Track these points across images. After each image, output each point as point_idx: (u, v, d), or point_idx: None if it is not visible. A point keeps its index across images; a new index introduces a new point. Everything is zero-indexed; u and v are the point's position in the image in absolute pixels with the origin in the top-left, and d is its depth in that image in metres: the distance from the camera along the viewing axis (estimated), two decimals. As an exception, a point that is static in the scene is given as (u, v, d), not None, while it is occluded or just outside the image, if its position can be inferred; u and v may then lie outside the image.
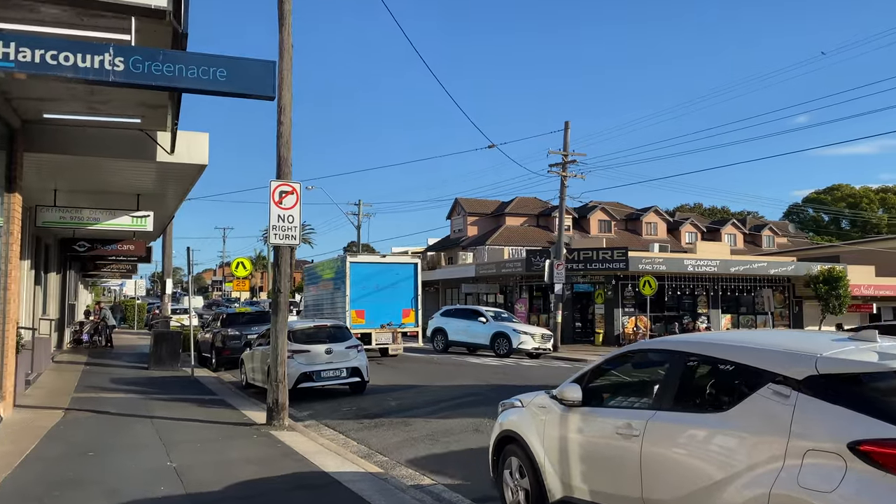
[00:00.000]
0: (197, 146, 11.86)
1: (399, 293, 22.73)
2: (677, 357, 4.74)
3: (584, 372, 5.68)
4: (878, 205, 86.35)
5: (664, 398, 4.70)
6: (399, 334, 23.53)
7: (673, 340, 5.09)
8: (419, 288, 22.93)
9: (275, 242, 10.98)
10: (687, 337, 5.13)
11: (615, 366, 5.56)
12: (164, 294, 26.10)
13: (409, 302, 22.85)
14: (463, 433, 10.64)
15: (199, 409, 12.72)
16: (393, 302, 22.33)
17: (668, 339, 5.19)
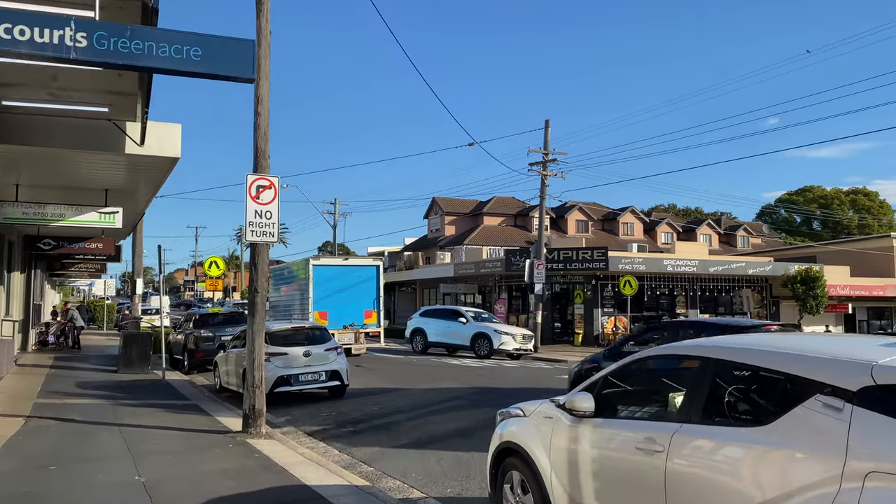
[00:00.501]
0: (169, 138, 11.22)
1: (361, 295, 23.15)
2: (708, 364, 4.28)
3: (594, 379, 5.22)
4: (849, 206, 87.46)
5: (692, 409, 4.24)
6: (362, 335, 23.78)
7: (702, 345, 4.62)
8: (381, 289, 23.31)
9: (251, 239, 10.39)
10: (717, 341, 4.67)
11: (630, 372, 5.09)
12: (135, 294, 25.22)
13: (372, 303, 23.33)
14: (450, 440, 10.14)
15: (171, 415, 12.07)
16: (355, 303, 22.77)
17: (695, 344, 4.73)
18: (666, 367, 4.90)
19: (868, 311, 43.31)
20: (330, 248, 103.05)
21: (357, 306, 22.85)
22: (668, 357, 4.92)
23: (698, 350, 4.52)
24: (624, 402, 5.08)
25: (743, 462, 3.78)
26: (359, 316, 22.71)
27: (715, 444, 3.98)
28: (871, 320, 43.74)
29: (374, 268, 23.86)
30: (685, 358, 4.67)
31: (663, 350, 5.04)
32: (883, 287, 41.11)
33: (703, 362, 4.33)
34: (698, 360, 4.40)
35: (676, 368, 4.80)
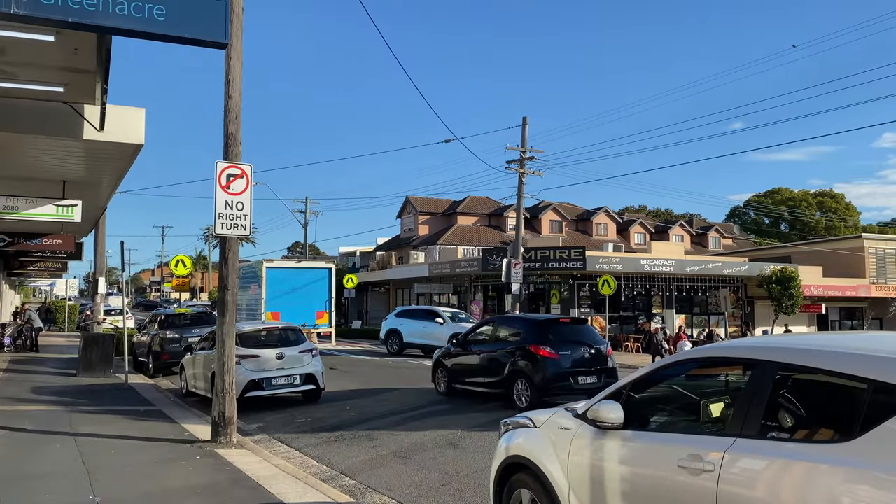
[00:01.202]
0: (131, 123, 10.37)
1: (314, 296, 23.68)
2: (766, 367, 3.65)
3: (621, 385, 4.56)
4: (816, 208, 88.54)
5: (747, 421, 3.60)
6: (314, 335, 24.27)
7: (758, 346, 3.99)
8: (333, 291, 23.95)
9: (221, 232, 9.58)
10: (778, 341, 4.06)
11: (664, 378, 4.46)
12: (97, 294, 24.09)
13: (324, 304, 23.91)
14: (437, 448, 9.45)
15: (133, 423, 11.19)
16: (308, 304, 23.28)
17: (749, 345, 4.10)
18: (708, 372, 4.27)
19: (840, 311, 43.58)
20: (300, 248, 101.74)
21: (309, 307, 23.30)
22: (713, 359, 4.27)
23: (754, 352, 3.88)
24: (657, 412, 4.45)
25: (818, 487, 3.15)
26: (311, 316, 23.10)
27: (781, 463, 3.35)
28: (843, 320, 44.03)
29: (326, 270, 24.45)
30: (735, 361, 4.03)
31: (707, 351, 4.38)
32: (855, 287, 41.35)
33: (761, 366, 3.69)
34: (754, 363, 3.76)
35: (722, 373, 4.17)
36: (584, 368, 12.68)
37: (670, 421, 4.31)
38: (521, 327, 13.62)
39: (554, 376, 12.39)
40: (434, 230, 55.16)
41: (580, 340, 13.08)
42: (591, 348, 12.99)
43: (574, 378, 12.46)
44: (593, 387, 12.18)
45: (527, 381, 12.57)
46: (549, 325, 13.44)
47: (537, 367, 12.42)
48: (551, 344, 12.59)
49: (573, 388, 12.46)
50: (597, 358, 12.92)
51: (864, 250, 43.38)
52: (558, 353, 12.49)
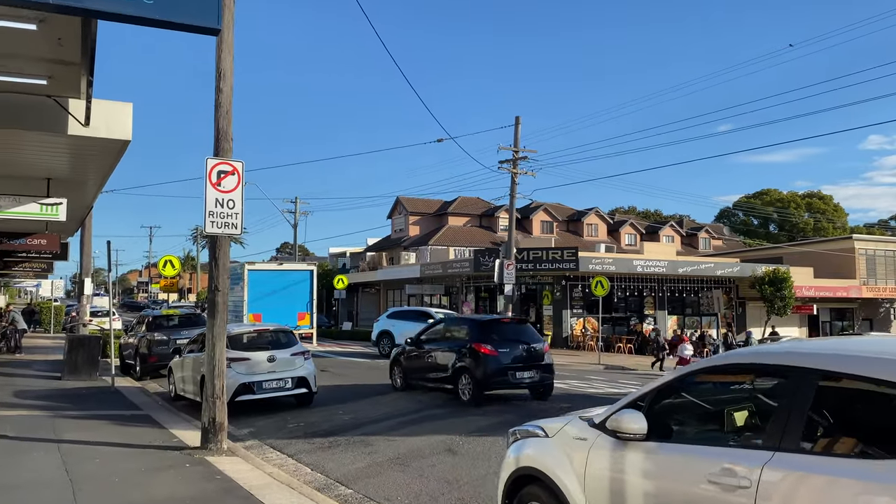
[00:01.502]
0: (118, 118, 10.01)
1: (295, 298, 23.99)
2: (806, 375, 3.38)
3: (643, 393, 4.29)
4: (805, 209, 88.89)
5: (787, 434, 3.33)
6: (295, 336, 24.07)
7: (792, 351, 3.71)
8: (314, 293, 24.23)
9: (211, 231, 9.25)
10: (811, 346, 3.79)
11: (689, 386, 4.18)
12: (83, 295, 23.65)
13: (305, 306, 24.28)
14: (435, 455, 9.15)
15: (120, 428, 10.82)
16: (289, 306, 23.56)
17: (789, 350, 3.81)
18: (737, 380, 3.99)
19: (831, 312, 43.64)
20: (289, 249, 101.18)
21: (290, 309, 23.55)
22: (745, 366, 3.99)
23: (792, 358, 3.60)
24: (681, 422, 4.17)
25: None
26: (292, 318, 23.21)
27: (826, 480, 3.08)
28: (834, 321, 44.09)
29: (307, 272, 24.80)
30: (770, 368, 3.75)
31: (737, 357, 4.09)
32: (846, 288, 41.40)
33: (800, 374, 3.42)
34: (792, 370, 3.48)
35: (755, 381, 3.89)
36: (521, 364, 13.72)
37: (696, 432, 4.03)
38: (466, 327, 14.59)
39: (494, 371, 13.39)
40: (425, 231, 54.86)
41: (520, 339, 14.10)
42: (529, 346, 14.01)
43: (512, 373, 13.54)
44: (530, 381, 13.80)
45: (470, 376, 13.50)
46: (491, 324, 14.50)
47: (479, 363, 13.38)
48: (492, 342, 13.63)
49: (511, 382, 13.64)
50: (534, 355, 13.96)
51: (854, 251, 43.47)
52: (498, 350, 13.54)
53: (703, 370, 4.08)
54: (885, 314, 45.00)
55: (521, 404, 13.76)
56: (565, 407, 13.48)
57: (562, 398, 14.95)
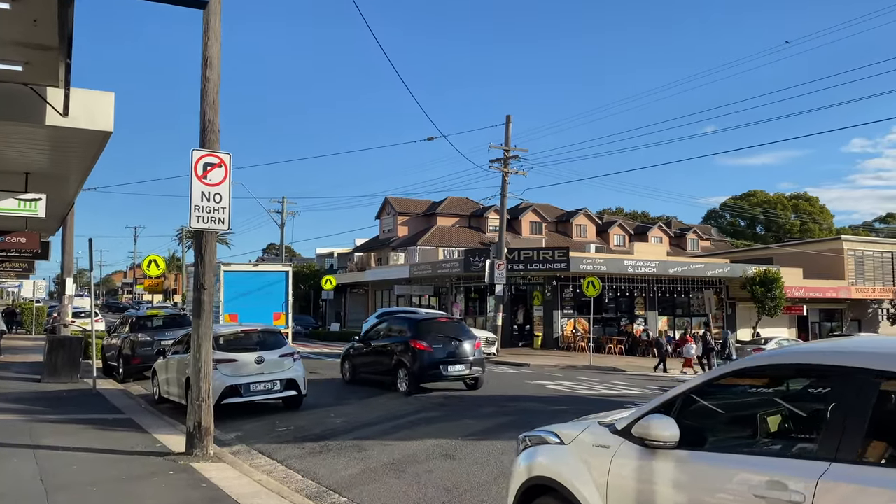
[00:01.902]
0: (99, 108, 9.55)
1: (271, 298, 24.35)
2: (865, 377, 3.02)
3: (671, 397, 3.93)
4: (791, 210, 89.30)
5: (844, 443, 2.97)
6: None
7: (846, 349, 3.36)
8: (290, 293, 24.84)
9: (197, 226, 8.82)
10: (867, 344, 3.44)
11: (722, 389, 3.82)
12: (64, 295, 23.04)
13: (281, 306, 24.63)
14: (432, 460, 8.76)
15: (100, 433, 10.35)
16: (265, 306, 23.93)
17: (833, 348, 3.46)
18: (778, 381, 3.63)
19: (820, 312, 43.64)
20: (275, 250, 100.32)
21: (266, 309, 23.89)
22: (788, 366, 3.61)
23: (850, 358, 3.24)
24: (716, 429, 3.81)
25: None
26: (268, 318, 23.39)
27: (893, 495, 2.73)
28: (823, 322, 44.09)
29: (283, 273, 25.24)
30: (822, 369, 3.38)
31: (781, 357, 3.71)
32: (836, 289, 41.39)
33: (857, 375, 3.06)
34: (848, 371, 3.13)
35: (802, 383, 3.53)
36: (453, 359, 14.90)
37: (732, 439, 3.66)
38: (405, 325, 15.90)
39: (428, 365, 14.57)
40: (413, 231, 54.45)
41: (453, 336, 15.36)
42: (461, 342, 15.24)
43: (444, 366, 14.69)
44: (460, 374, 15.00)
45: (406, 370, 14.73)
46: (427, 322, 15.88)
47: (415, 358, 14.64)
48: (428, 339, 14.84)
49: (443, 375, 14.77)
50: (465, 350, 15.18)
51: (843, 252, 43.48)
52: (432, 346, 14.73)
53: (738, 372, 3.73)
54: (873, 315, 45.08)
55: (515, 407, 13.41)
56: (562, 410, 13.15)
57: (557, 400, 14.62)
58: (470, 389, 15.42)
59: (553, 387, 17.05)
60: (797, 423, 3.55)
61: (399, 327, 16.17)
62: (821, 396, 3.38)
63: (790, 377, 3.55)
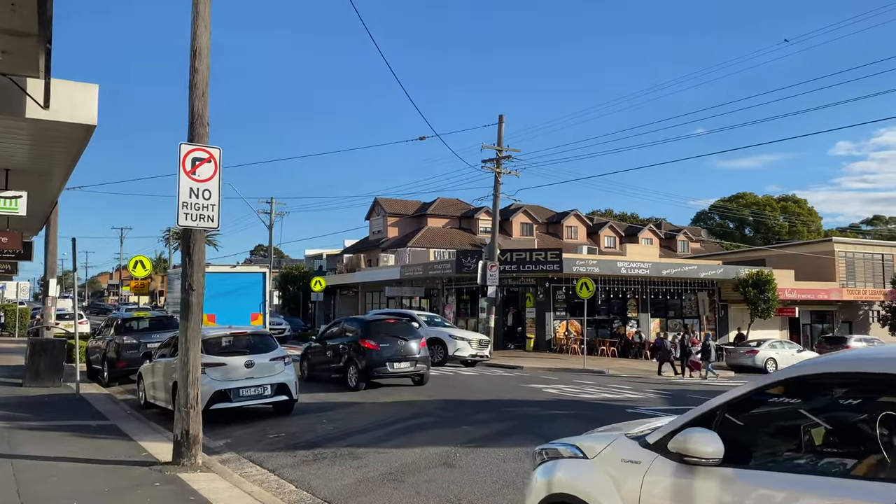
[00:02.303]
0: (82, 100, 9.10)
1: (248, 299, 24.71)
2: None
3: (711, 408, 3.56)
4: (780, 212, 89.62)
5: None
6: None
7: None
8: (267, 294, 25.30)
9: (185, 224, 8.40)
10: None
11: (769, 399, 3.46)
12: (48, 297, 22.49)
13: (258, 307, 25.06)
14: (431, 469, 8.38)
15: (83, 440, 9.90)
16: (242, 307, 24.26)
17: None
18: (836, 392, 3.26)
19: (811, 314, 43.57)
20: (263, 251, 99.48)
21: (244, 309, 24.24)
22: (851, 377, 3.22)
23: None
24: (763, 444, 3.45)
25: None
26: (245, 318, 23.81)
27: None
28: (814, 324, 44.04)
29: (260, 274, 25.73)
30: (879, 378, 3.02)
31: (841, 364, 3.30)
32: (827, 291, 41.34)
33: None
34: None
35: (856, 392, 3.16)
36: (399, 357, 16.00)
37: (784, 457, 3.29)
38: (357, 326, 17.09)
39: (375, 362, 15.65)
40: (404, 232, 54.04)
41: (400, 335, 16.47)
42: (407, 341, 16.34)
43: (391, 363, 15.78)
44: (405, 371, 16.06)
45: (356, 367, 15.77)
46: (376, 323, 17.23)
47: (363, 356, 15.70)
48: (376, 338, 15.95)
49: (389, 372, 15.81)
50: (411, 349, 16.29)
51: (834, 254, 43.46)
52: (380, 345, 15.81)
53: (789, 381, 3.36)
54: (863, 317, 45.09)
55: (513, 412, 13.06)
56: (561, 415, 12.82)
57: (555, 405, 14.28)
58: (417, 385, 16.39)
59: (550, 391, 16.70)
60: (850, 437, 3.19)
61: (351, 328, 17.25)
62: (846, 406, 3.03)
63: (852, 386, 3.19)
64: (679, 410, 13.97)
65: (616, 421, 11.88)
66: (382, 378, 16.11)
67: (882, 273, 44.98)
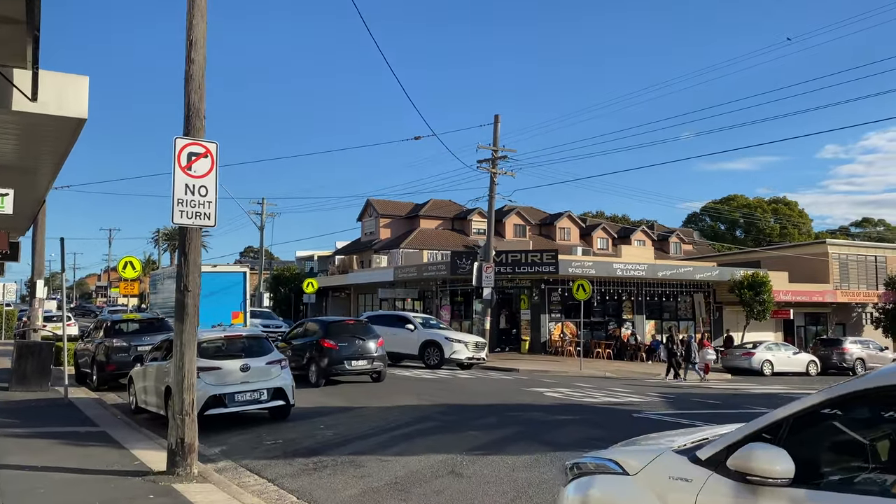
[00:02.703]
0: (71, 93, 8.70)
1: (229, 298, 25.20)
2: None
3: (774, 421, 3.22)
4: (771, 214, 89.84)
5: None
6: None
7: None
8: (248, 293, 26.17)
9: (180, 222, 8.00)
10: None
11: (842, 412, 3.12)
12: (35, 298, 21.98)
13: (239, 305, 25.66)
14: (438, 478, 8.02)
15: (72, 449, 9.48)
16: (224, 306, 24.74)
17: None
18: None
19: (805, 316, 43.47)
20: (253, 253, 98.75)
21: (225, 309, 24.72)
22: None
23: None
24: (833, 461, 3.11)
25: None
26: (227, 317, 24.33)
27: None
28: (808, 326, 43.94)
29: (241, 274, 26.43)
30: None
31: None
32: (822, 293, 41.25)
33: None
34: None
35: None
36: (357, 355, 17.11)
37: (864, 477, 2.95)
38: (318, 326, 18.13)
39: (334, 360, 16.76)
40: (396, 233, 53.66)
41: (358, 335, 17.60)
42: (365, 341, 17.51)
43: (348, 361, 16.83)
44: (362, 368, 17.20)
45: (316, 364, 16.81)
46: (336, 324, 18.25)
47: (323, 354, 16.80)
48: (335, 338, 17.03)
49: (347, 369, 16.90)
50: (369, 348, 17.46)
51: (827, 256, 43.40)
52: (338, 344, 16.87)
53: (869, 391, 3.02)
54: (857, 319, 45.03)
55: (517, 417, 12.73)
56: (568, 420, 12.49)
57: (560, 409, 13.96)
58: (375, 382, 17.49)
59: (552, 394, 16.37)
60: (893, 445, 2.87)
61: (313, 328, 18.34)
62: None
63: None
64: (685, 414, 13.74)
65: (623, 427, 11.62)
66: (341, 375, 17.05)
67: (875, 275, 44.95)
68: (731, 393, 20.26)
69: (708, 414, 14.07)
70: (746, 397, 18.96)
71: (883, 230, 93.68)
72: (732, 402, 16.97)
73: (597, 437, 10.53)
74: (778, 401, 18.25)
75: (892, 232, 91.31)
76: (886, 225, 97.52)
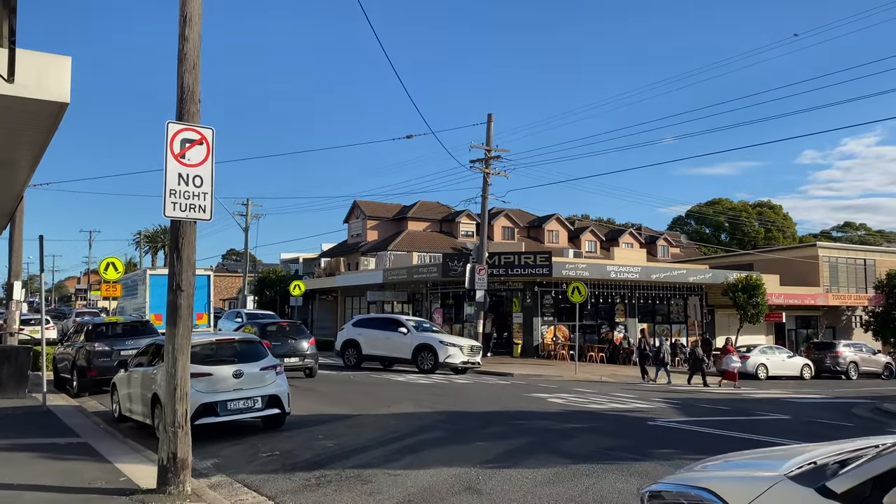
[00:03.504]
0: (52, 74, 7.96)
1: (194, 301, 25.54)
2: None
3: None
4: (756, 218, 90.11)
5: None
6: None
7: None
8: (211, 295, 27.73)
9: (173, 215, 7.30)
10: None
11: None
12: (12, 301, 21.07)
13: (203, 307, 26.78)
14: (454, 496, 7.34)
15: (51, 462, 8.72)
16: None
17: None
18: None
19: (796, 319, 43.28)
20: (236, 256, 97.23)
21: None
22: None
23: None
24: None
25: None
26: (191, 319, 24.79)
27: None
28: (799, 329, 43.75)
29: (205, 277, 27.60)
30: None
31: None
32: (813, 296, 41.06)
33: None
34: None
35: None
36: (290, 353, 18.78)
37: None
38: (256, 328, 19.50)
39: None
40: (383, 235, 52.89)
41: (291, 336, 19.67)
42: (297, 340, 19.54)
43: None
44: (294, 365, 18.56)
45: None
46: (271, 325, 20.43)
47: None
48: (269, 337, 18.29)
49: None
50: (301, 346, 19.40)
51: (818, 259, 43.25)
52: (272, 343, 17.63)
53: None
54: (847, 322, 44.92)
55: (524, 425, 12.09)
56: (578, 428, 11.88)
57: (567, 417, 13.34)
58: (308, 378, 18.96)
59: (555, 400, 15.76)
60: None
61: (251, 329, 19.47)
62: None
63: None
64: (698, 421, 13.16)
65: (637, 435, 11.03)
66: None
67: (864, 278, 44.88)
68: (733, 398, 19.76)
69: (721, 421, 13.52)
70: (751, 402, 18.47)
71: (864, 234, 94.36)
72: (741, 408, 16.44)
73: (612, 447, 9.95)
74: (783, 405, 17.81)
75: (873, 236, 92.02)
76: (867, 229, 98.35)
